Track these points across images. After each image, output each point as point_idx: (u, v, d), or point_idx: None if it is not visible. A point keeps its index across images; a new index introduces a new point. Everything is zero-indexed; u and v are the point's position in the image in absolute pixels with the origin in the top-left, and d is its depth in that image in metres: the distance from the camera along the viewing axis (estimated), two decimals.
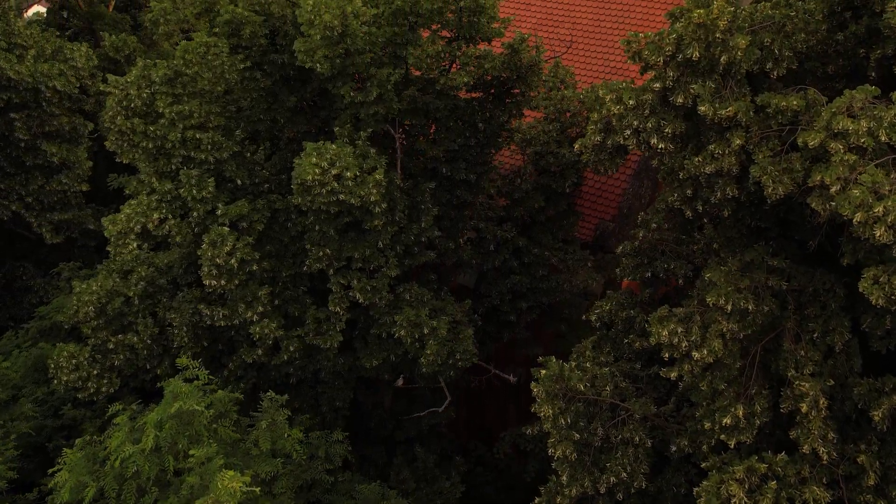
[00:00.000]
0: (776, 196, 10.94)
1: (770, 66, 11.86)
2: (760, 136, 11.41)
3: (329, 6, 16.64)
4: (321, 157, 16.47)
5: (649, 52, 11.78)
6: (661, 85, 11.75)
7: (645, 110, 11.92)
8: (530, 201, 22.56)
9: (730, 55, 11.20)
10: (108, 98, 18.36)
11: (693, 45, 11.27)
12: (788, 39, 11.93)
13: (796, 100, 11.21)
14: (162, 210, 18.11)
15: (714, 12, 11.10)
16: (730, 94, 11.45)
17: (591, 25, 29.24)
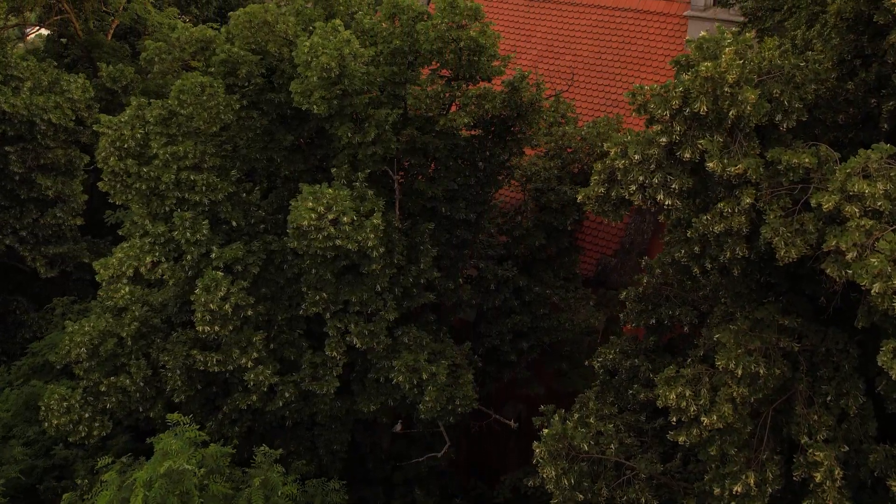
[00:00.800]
0: (789, 259, 10.56)
1: (779, 118, 11.52)
2: (771, 193, 11.05)
3: (326, 47, 16.34)
4: (317, 202, 16.10)
5: (655, 106, 11.44)
6: (667, 139, 11.39)
7: (651, 165, 11.56)
8: (531, 239, 22.19)
9: (739, 109, 10.86)
10: (101, 138, 18.03)
11: (701, 99, 10.93)
12: (798, 90, 11.60)
13: (808, 157, 10.85)
14: (155, 253, 17.73)
15: (723, 66, 10.77)
16: (738, 148, 11.09)
17: (591, 58, 28.99)
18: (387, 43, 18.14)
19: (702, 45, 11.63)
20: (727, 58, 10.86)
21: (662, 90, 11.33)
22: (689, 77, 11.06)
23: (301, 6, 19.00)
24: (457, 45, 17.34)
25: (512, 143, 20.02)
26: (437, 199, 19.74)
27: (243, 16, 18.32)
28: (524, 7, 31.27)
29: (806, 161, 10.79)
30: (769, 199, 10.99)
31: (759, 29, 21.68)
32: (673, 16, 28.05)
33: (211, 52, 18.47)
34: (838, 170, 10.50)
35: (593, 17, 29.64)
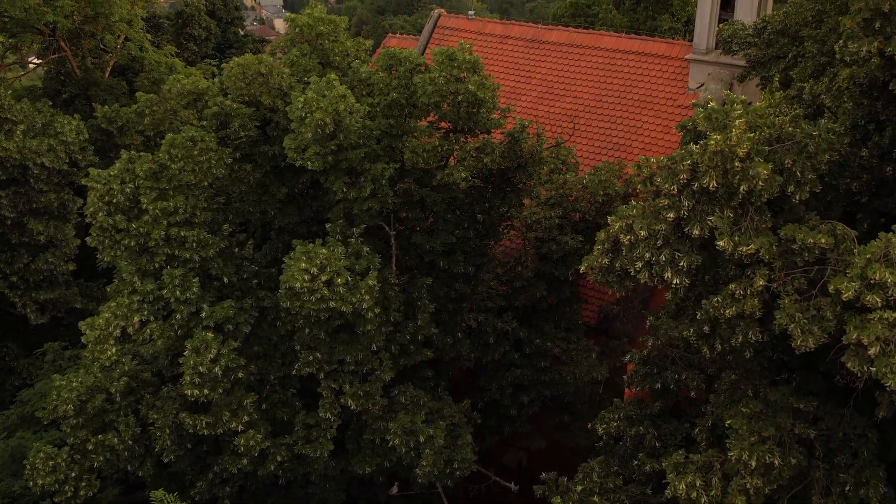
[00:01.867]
0: (806, 348, 10.01)
1: (792, 190, 11.02)
2: (785, 274, 10.52)
3: (321, 103, 15.90)
4: (310, 262, 15.56)
5: (662, 180, 10.95)
6: (675, 214, 10.89)
7: (658, 241, 11.04)
8: (532, 290, 21.67)
9: (750, 184, 10.37)
10: (90, 193, 17.54)
11: (710, 173, 10.44)
12: (811, 160, 11.12)
13: (824, 237, 10.34)
14: (143, 312, 17.15)
15: (733, 139, 10.28)
16: (750, 224, 10.59)
17: (592, 101, 28.62)
18: (383, 95, 17.72)
19: (710, 116, 11.15)
20: (738, 131, 10.37)
21: (669, 162, 10.83)
22: (698, 150, 10.55)
23: (296, 57, 18.58)
24: (455, 99, 16.89)
25: (512, 195, 19.52)
26: (434, 252, 19.22)
27: (237, 67, 17.89)
28: (524, 48, 30.95)
29: (822, 241, 10.27)
30: (783, 281, 10.45)
31: (763, 77, 21.36)
32: (674, 59, 27.71)
33: (203, 104, 18.02)
34: (857, 253, 9.96)
35: (594, 59, 29.30)
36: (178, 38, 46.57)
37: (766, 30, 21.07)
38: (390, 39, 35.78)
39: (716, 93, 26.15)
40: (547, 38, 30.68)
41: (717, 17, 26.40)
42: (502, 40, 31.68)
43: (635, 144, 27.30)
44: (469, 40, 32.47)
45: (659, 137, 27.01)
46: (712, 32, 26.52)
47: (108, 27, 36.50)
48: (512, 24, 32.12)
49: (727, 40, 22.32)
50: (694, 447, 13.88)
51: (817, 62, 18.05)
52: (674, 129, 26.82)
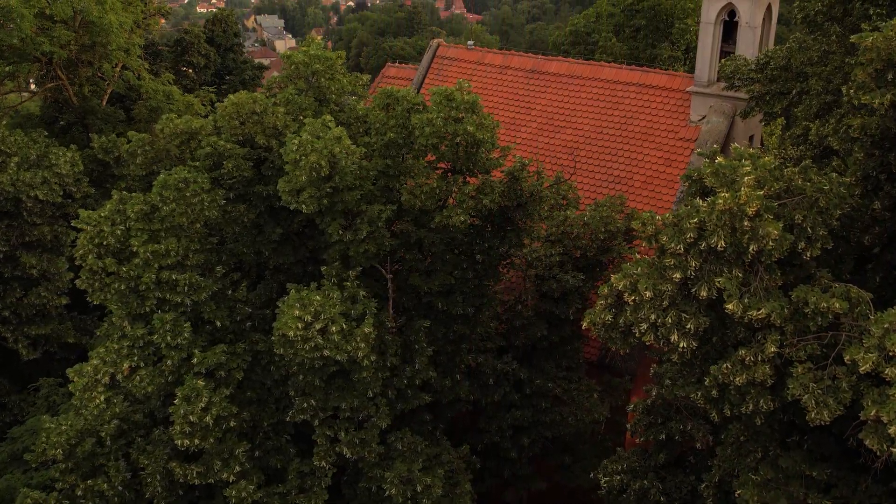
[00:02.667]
0: (821, 421, 9.57)
1: (802, 247, 10.61)
2: (798, 339, 10.09)
3: (315, 145, 15.52)
4: (304, 309, 15.13)
5: (668, 238, 10.53)
6: (681, 275, 10.47)
7: (663, 302, 10.62)
8: (532, 329, 21.22)
9: (760, 244, 9.96)
10: (80, 235, 17.13)
11: (718, 233, 10.04)
12: (822, 216, 10.72)
13: (838, 301, 9.92)
14: (133, 358, 16.69)
15: (742, 198, 9.89)
16: (759, 284, 10.17)
17: (592, 132, 28.30)
18: (380, 135, 17.37)
19: (717, 171, 10.75)
20: (746, 189, 9.97)
21: (675, 219, 10.42)
22: (705, 208, 10.14)
23: (291, 95, 18.24)
24: (453, 140, 16.52)
25: (512, 234, 19.11)
26: (433, 293, 18.79)
27: (230, 106, 17.56)
28: (523, 79, 30.69)
29: (836, 306, 9.85)
30: (795, 346, 10.01)
31: (766, 112, 21.04)
32: (676, 91, 27.42)
33: (196, 144, 17.67)
34: (874, 321, 9.53)
35: (594, 91, 29.02)
36: (176, 65, 46.39)
37: (769, 65, 20.77)
38: (389, 69, 35.55)
39: (718, 126, 25.87)
40: (547, 68, 30.42)
41: (718, 49, 26.15)
42: (502, 71, 31.43)
43: (636, 177, 26.94)
44: (468, 70, 32.40)
45: (660, 170, 26.66)
46: (714, 65, 26.25)
47: (105, 56, 36.27)
48: (511, 55, 31.85)
49: (730, 76, 22.00)
50: (700, 502, 13.39)
51: (822, 100, 17.73)
52: (675, 162, 26.67)
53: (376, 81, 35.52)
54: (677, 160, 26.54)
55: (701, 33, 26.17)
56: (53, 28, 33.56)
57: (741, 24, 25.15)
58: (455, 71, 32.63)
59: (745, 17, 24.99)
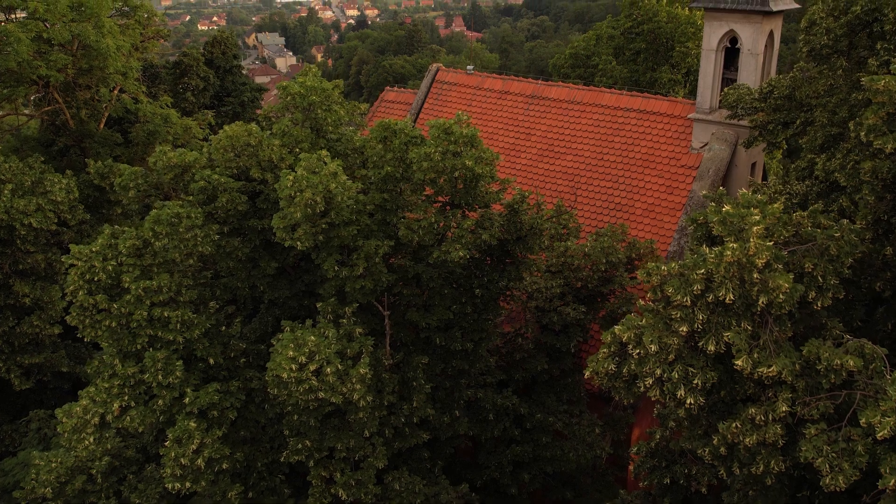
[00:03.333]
0: (836, 488, 9.15)
1: (813, 296, 10.24)
2: (810, 396, 9.70)
3: (311, 181, 15.18)
4: (298, 350, 14.72)
5: (674, 290, 10.14)
6: (687, 328, 10.09)
7: (669, 356, 10.23)
8: (532, 363, 20.83)
9: (770, 297, 9.59)
10: (71, 271, 16.74)
11: (726, 285, 9.67)
12: (833, 264, 10.35)
13: (852, 359, 9.52)
14: (124, 398, 16.27)
15: (751, 249, 9.52)
16: (769, 337, 9.78)
17: (593, 159, 27.99)
18: (378, 168, 17.03)
19: (725, 220, 10.37)
20: (755, 241, 9.60)
21: (681, 268, 10.04)
22: (713, 259, 9.77)
23: (286, 127, 17.93)
24: (451, 174, 16.18)
25: (511, 268, 18.73)
26: (431, 328, 18.40)
27: (225, 139, 17.25)
28: (523, 104, 30.44)
29: (850, 364, 9.45)
30: (808, 405, 9.62)
31: (770, 143, 20.73)
32: (677, 117, 27.15)
33: (190, 178, 17.33)
34: (891, 382, 9.13)
35: (595, 117, 28.75)
36: (175, 87, 46.19)
37: (773, 94, 20.47)
38: (388, 93, 35.32)
39: (720, 153, 25.56)
40: (547, 94, 30.17)
41: (720, 76, 25.89)
42: (501, 96, 31.19)
43: (637, 205, 26.61)
44: (468, 95, 32.16)
45: (662, 198, 26.33)
46: (716, 91, 25.99)
47: (102, 79, 36.04)
48: (511, 80, 31.61)
49: (733, 104, 21.70)
50: None
51: (828, 133, 17.41)
52: (677, 189, 26.33)
53: (375, 105, 35.31)
54: (679, 188, 26.23)
55: (703, 60, 25.92)
56: (51, 52, 33.36)
57: (743, 51, 24.91)
58: (454, 96, 32.41)
59: (746, 43, 24.74)
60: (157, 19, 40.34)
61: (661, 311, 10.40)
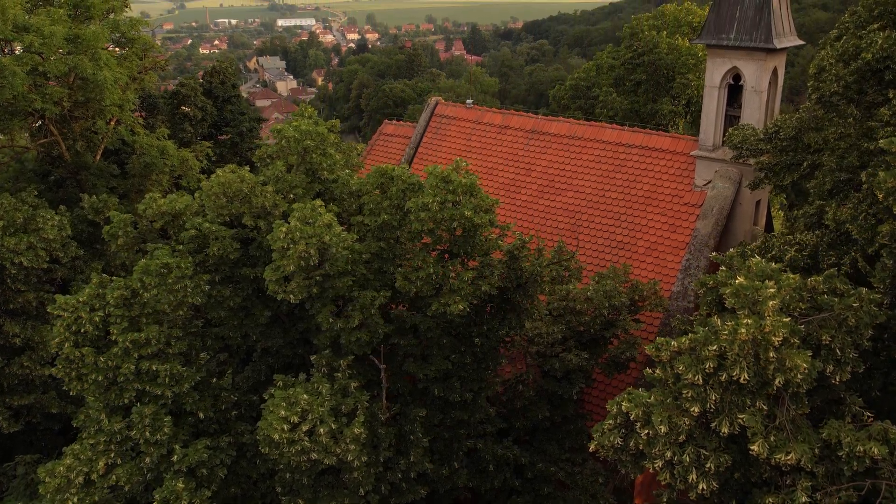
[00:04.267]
0: None
1: (831, 370, 9.71)
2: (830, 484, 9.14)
3: (304, 233, 14.68)
4: (290, 409, 14.16)
5: (685, 367, 9.61)
6: (700, 408, 9.55)
7: (680, 437, 9.68)
8: (534, 410, 20.23)
9: (787, 376, 9.06)
10: (57, 322, 16.23)
11: (740, 363, 9.14)
12: (851, 335, 9.83)
13: (876, 446, 8.98)
14: (110, 455, 15.69)
15: (767, 326, 9.00)
16: (786, 416, 9.24)
17: (594, 196, 27.53)
18: (374, 216, 16.55)
19: (738, 293, 9.85)
20: (772, 319, 9.08)
21: (692, 343, 9.50)
22: (726, 336, 9.23)
23: (280, 172, 17.46)
24: (450, 224, 15.68)
25: (512, 317, 18.19)
26: (429, 379, 17.83)
27: (216, 186, 16.76)
28: (523, 139, 30.04)
29: (874, 451, 8.91)
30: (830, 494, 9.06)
31: (777, 185, 20.28)
32: (680, 154, 26.70)
33: (181, 225, 16.84)
34: None
35: (596, 153, 28.32)
36: (173, 117, 45.84)
37: (779, 135, 20.03)
38: (387, 126, 34.94)
39: (724, 192, 25.09)
40: (547, 129, 29.77)
41: (724, 113, 25.48)
42: (501, 130, 30.79)
43: (640, 243, 26.10)
44: (467, 129, 31.76)
45: (665, 236, 25.83)
46: (719, 129, 25.57)
47: (99, 112, 35.68)
48: (511, 114, 31.23)
49: (737, 145, 21.26)
50: None
51: (837, 178, 16.95)
52: (680, 228, 25.83)
53: (373, 138, 34.91)
54: (682, 226, 25.73)
55: (705, 97, 25.51)
56: (46, 84, 33.01)
57: (746, 89, 24.50)
58: (454, 130, 32.02)
59: (750, 81, 24.34)
60: (154, 51, 40.06)
61: (671, 386, 9.85)
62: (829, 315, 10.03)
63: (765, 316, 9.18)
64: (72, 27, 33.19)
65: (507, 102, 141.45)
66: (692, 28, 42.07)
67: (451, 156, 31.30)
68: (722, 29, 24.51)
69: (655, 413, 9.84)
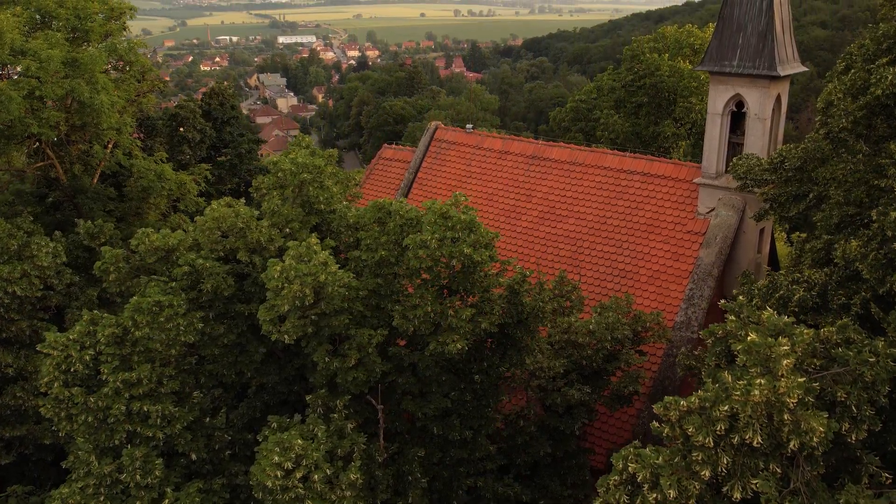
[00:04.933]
0: None
1: (847, 428, 9.31)
2: None
3: (299, 272, 14.30)
4: (284, 455, 13.72)
5: (695, 429, 9.21)
6: (710, 472, 9.15)
7: (690, 501, 9.26)
8: (535, 446, 19.78)
9: (802, 439, 8.67)
10: (46, 360, 15.84)
11: (753, 425, 8.75)
12: (868, 392, 9.44)
13: None
14: (100, 499, 15.25)
15: (781, 388, 8.61)
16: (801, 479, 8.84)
17: (596, 223, 27.19)
18: (372, 251, 16.18)
19: (751, 350, 9.45)
20: (787, 379, 8.69)
21: (702, 402, 9.10)
22: (739, 396, 8.83)
23: (276, 206, 17.11)
24: (449, 262, 15.31)
25: (513, 352, 17.78)
26: (427, 417, 17.40)
27: (211, 221, 16.41)
28: (524, 164, 29.72)
29: None
30: None
31: (782, 216, 19.94)
32: (682, 181, 26.38)
33: (174, 262, 16.47)
34: None
35: (598, 179, 28.00)
36: (171, 139, 45.61)
37: (784, 165, 19.70)
38: (386, 150, 34.66)
39: (727, 220, 24.74)
40: (548, 154, 29.47)
41: (727, 140, 25.17)
42: (501, 156, 30.49)
43: (642, 272, 25.73)
44: (467, 154, 31.44)
45: (668, 265, 25.46)
46: (722, 156, 25.26)
47: (96, 135, 35.41)
48: (511, 140, 30.94)
49: (742, 176, 20.93)
50: None
51: (844, 212, 16.59)
52: (683, 256, 25.45)
53: (373, 163, 34.62)
54: (685, 254, 25.36)
55: (708, 124, 25.23)
56: (43, 109, 32.74)
57: (750, 116, 24.21)
58: (453, 155, 31.72)
59: (753, 108, 24.06)
60: (152, 73, 39.85)
61: (681, 447, 9.44)
62: (845, 370, 9.65)
63: (779, 376, 8.79)
64: (70, 50, 32.96)
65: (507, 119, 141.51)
66: (693, 50, 41.88)
67: (450, 181, 30.99)
68: (724, 56, 24.25)
69: (664, 476, 9.42)
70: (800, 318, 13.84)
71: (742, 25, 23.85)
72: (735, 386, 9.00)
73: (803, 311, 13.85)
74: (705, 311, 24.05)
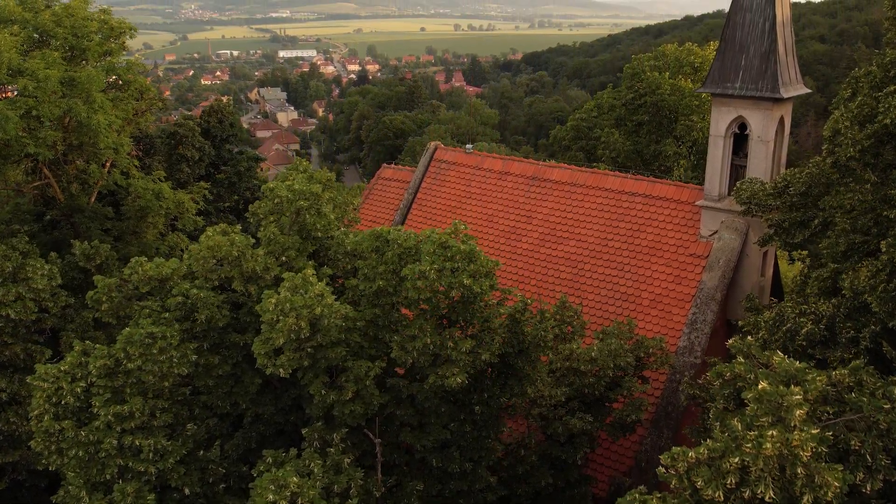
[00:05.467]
0: None
1: (861, 478, 8.99)
2: None
3: (295, 304, 13.98)
4: (279, 494, 13.34)
5: (704, 482, 8.88)
6: None
7: None
8: (536, 476, 19.39)
9: (816, 494, 8.34)
10: (36, 392, 15.49)
11: (766, 479, 8.41)
12: (883, 440, 9.12)
13: None
14: None
15: (794, 440, 8.29)
16: None
17: (597, 245, 26.87)
18: (369, 281, 15.86)
19: (762, 398, 9.13)
20: (800, 432, 8.36)
21: (711, 453, 8.77)
22: (750, 448, 8.50)
23: (273, 234, 16.81)
24: (448, 293, 14.99)
25: (514, 382, 17.43)
26: (426, 449, 17.03)
27: (206, 250, 16.11)
28: (524, 185, 29.45)
29: None
30: None
31: (787, 243, 19.64)
32: (685, 203, 26.08)
33: (167, 292, 16.15)
34: None
35: (599, 201, 27.71)
36: (170, 158, 45.38)
37: (788, 190, 19.41)
38: (385, 170, 34.40)
39: (730, 243, 24.44)
40: (549, 175, 29.20)
41: (729, 162, 24.90)
42: (502, 176, 30.22)
43: (644, 295, 25.39)
44: (467, 175, 31.17)
45: (670, 288, 25.12)
46: (724, 179, 24.98)
47: (94, 155, 35.19)
48: (512, 160, 30.67)
49: (746, 201, 20.63)
50: None
51: (850, 240, 16.28)
52: (685, 280, 25.13)
53: (372, 182, 34.36)
54: (688, 278, 25.04)
55: (710, 146, 24.96)
56: (40, 128, 32.52)
57: (752, 138, 23.95)
58: (453, 175, 31.46)
59: (756, 130, 23.80)
60: (150, 93, 39.66)
61: (689, 499, 9.10)
62: (859, 416, 9.33)
63: (791, 427, 8.47)
64: (67, 69, 32.76)
65: (507, 134, 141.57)
66: (694, 68, 41.73)
67: (450, 202, 30.71)
68: (727, 77, 24.02)
69: None
70: (807, 351, 13.54)
71: (745, 47, 23.63)
72: (746, 437, 8.67)
73: (811, 345, 13.53)
74: (708, 336, 23.72)
